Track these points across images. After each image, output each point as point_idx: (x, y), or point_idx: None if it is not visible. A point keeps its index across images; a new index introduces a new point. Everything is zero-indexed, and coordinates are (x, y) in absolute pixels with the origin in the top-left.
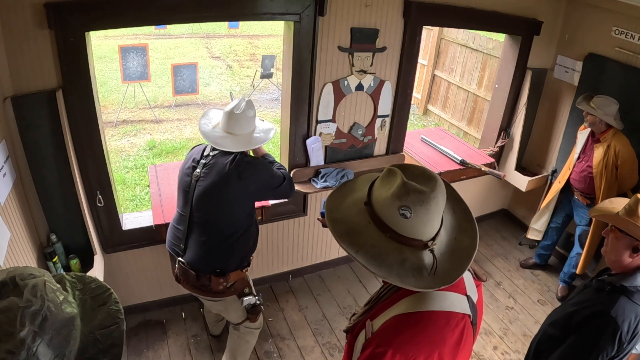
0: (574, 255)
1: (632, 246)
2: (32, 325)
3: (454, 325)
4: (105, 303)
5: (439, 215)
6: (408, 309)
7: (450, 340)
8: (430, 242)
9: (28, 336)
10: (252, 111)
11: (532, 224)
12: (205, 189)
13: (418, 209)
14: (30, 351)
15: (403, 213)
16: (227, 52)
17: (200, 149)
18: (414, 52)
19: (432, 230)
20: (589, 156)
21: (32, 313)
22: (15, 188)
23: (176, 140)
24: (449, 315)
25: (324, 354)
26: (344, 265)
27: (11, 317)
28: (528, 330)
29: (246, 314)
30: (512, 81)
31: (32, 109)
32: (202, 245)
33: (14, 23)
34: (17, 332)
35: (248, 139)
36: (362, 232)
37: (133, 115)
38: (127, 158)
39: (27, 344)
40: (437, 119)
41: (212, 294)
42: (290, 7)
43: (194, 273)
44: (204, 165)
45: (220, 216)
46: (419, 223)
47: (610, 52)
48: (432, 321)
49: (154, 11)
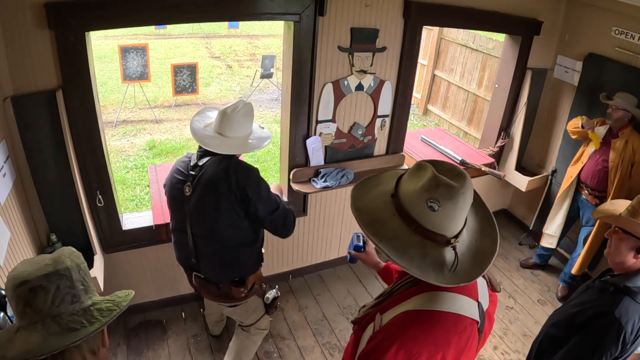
0: (576, 256)
1: (636, 247)
2: (71, 262)
3: (462, 329)
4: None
5: (464, 214)
6: (418, 307)
7: (455, 343)
8: (453, 239)
9: (64, 262)
10: (248, 114)
11: (545, 229)
12: (200, 202)
13: (446, 203)
14: (67, 269)
15: (431, 206)
16: (227, 52)
17: (186, 159)
18: (414, 52)
19: (457, 228)
20: (605, 150)
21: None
22: (15, 188)
23: (176, 140)
24: (457, 318)
25: (324, 354)
26: (344, 265)
27: (58, 258)
28: (528, 331)
29: (264, 310)
30: (512, 81)
31: (32, 109)
32: (214, 257)
33: (14, 23)
34: (62, 261)
35: (239, 143)
36: (386, 223)
37: (133, 115)
38: (127, 158)
39: (66, 264)
40: (437, 119)
41: (235, 300)
42: (290, 7)
43: (214, 285)
44: (193, 177)
45: (222, 227)
46: (445, 218)
47: (610, 52)
48: (440, 322)
49: (154, 11)
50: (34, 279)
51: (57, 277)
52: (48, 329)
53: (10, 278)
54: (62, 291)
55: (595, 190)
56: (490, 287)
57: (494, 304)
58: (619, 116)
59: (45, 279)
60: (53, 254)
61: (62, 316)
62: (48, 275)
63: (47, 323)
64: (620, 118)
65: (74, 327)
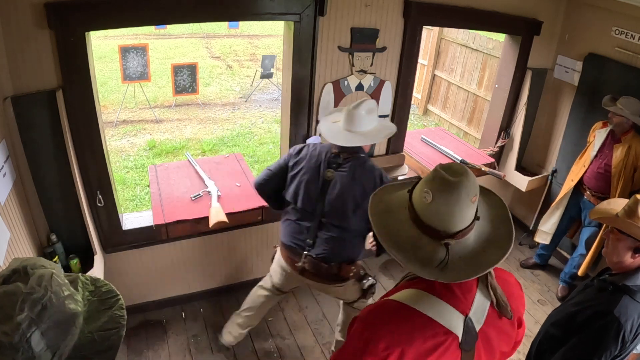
0: (577, 256)
1: (633, 247)
2: (31, 312)
3: (430, 335)
4: (111, 307)
5: (462, 212)
6: (397, 298)
7: (418, 344)
8: (449, 238)
9: (24, 321)
10: (372, 110)
11: (541, 225)
12: (342, 192)
13: (439, 195)
14: (24, 337)
15: (424, 196)
16: (227, 52)
17: (324, 149)
18: (414, 52)
19: (453, 226)
20: (607, 155)
21: (32, 300)
22: (15, 188)
23: (176, 140)
24: (429, 321)
25: (324, 354)
26: None
27: (13, 301)
28: (528, 331)
29: (361, 293)
30: (512, 81)
31: (32, 109)
32: (333, 240)
33: (14, 23)
34: (15, 315)
35: (369, 135)
36: (394, 212)
37: (133, 115)
38: (127, 158)
39: (22, 328)
40: (437, 119)
41: (339, 281)
42: (290, 7)
43: (326, 265)
44: (336, 167)
45: (355, 218)
46: (436, 211)
47: (610, 52)
48: (411, 319)
49: (154, 11)
50: None
51: (11, 350)
52: None
53: None
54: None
55: (598, 193)
56: (497, 308)
57: (499, 328)
58: (619, 121)
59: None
60: (15, 291)
61: None
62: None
63: None
64: (620, 123)
65: None
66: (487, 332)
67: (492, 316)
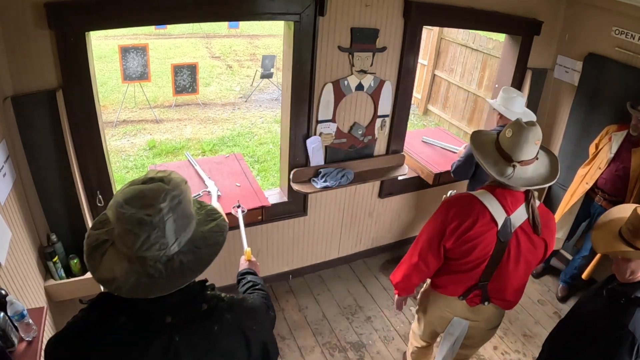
0: (579, 257)
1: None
2: (170, 203)
3: (482, 216)
4: (215, 219)
5: (530, 148)
6: (473, 193)
7: (473, 219)
8: (515, 161)
9: (165, 208)
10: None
11: None
12: None
13: (515, 133)
14: (163, 220)
15: (507, 132)
16: (227, 52)
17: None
18: (414, 52)
19: (522, 156)
20: (625, 158)
21: (172, 195)
22: (15, 188)
23: (176, 140)
24: (484, 209)
25: (324, 354)
26: (344, 265)
27: (158, 194)
28: (528, 331)
29: None
30: (512, 81)
31: (32, 109)
32: None
33: (14, 23)
34: (158, 203)
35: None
36: (487, 144)
37: (133, 115)
38: (127, 158)
39: (162, 213)
40: (437, 119)
41: None
42: (290, 7)
43: None
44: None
45: None
46: (512, 144)
47: (610, 52)
48: (475, 203)
49: (154, 11)
50: (129, 222)
51: (150, 227)
52: (133, 266)
53: (114, 205)
54: (152, 240)
55: (612, 196)
56: (532, 226)
57: (533, 239)
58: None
59: (138, 226)
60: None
61: (146, 260)
62: (141, 223)
63: (133, 261)
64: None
65: (152, 273)
66: (519, 235)
67: (527, 227)
